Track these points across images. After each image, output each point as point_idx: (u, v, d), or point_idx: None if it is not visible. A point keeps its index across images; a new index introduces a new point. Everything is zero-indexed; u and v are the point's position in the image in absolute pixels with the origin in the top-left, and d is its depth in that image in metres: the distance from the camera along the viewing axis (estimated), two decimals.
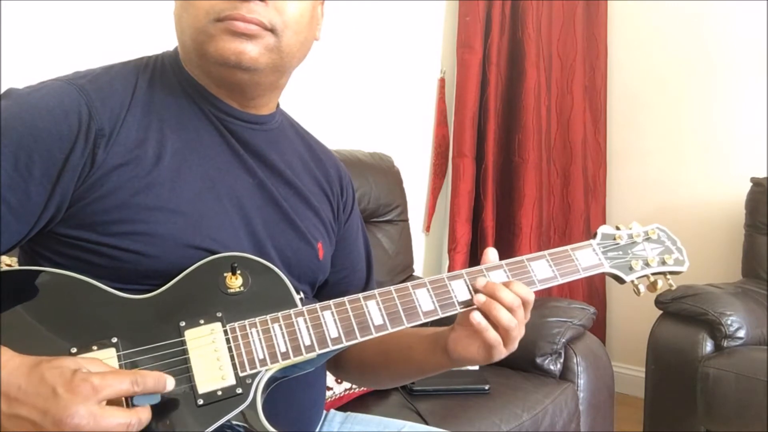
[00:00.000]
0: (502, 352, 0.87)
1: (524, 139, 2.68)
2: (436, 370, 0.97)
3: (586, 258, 0.95)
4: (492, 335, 0.85)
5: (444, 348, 0.91)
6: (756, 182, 2.48)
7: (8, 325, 0.73)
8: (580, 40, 2.91)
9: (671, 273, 1.00)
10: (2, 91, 0.82)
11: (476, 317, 0.85)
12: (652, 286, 0.99)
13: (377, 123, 2.45)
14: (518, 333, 0.87)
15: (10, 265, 0.98)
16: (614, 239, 0.98)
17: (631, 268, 0.97)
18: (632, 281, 0.98)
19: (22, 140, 0.76)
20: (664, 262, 0.99)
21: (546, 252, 0.94)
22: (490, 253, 0.92)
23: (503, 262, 0.91)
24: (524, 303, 0.87)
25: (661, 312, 2.17)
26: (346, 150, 2.09)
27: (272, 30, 0.83)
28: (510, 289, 0.86)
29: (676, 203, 2.83)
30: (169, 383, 0.71)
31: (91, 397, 0.65)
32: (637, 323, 2.57)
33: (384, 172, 2.17)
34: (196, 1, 0.82)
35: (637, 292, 0.98)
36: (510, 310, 0.85)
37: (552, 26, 2.85)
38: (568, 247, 0.95)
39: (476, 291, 0.87)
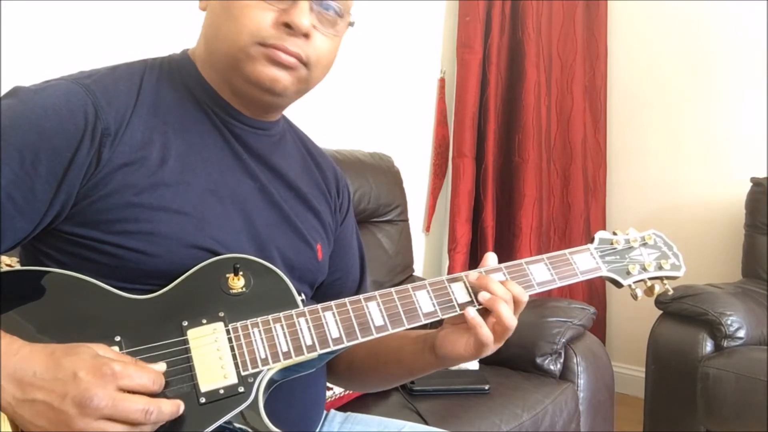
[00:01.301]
0: (491, 349, 0.88)
1: (524, 139, 2.68)
2: (424, 371, 0.98)
3: (584, 262, 0.96)
4: (486, 332, 0.85)
5: (432, 347, 0.92)
6: (756, 182, 2.48)
7: (10, 325, 0.74)
8: (580, 40, 2.91)
9: (668, 278, 1.01)
10: (8, 90, 0.82)
11: (471, 312, 0.85)
12: (650, 291, 0.99)
13: (377, 123, 2.45)
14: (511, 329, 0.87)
15: (10, 266, 0.98)
16: (611, 244, 0.99)
17: (628, 273, 0.98)
18: (629, 285, 0.98)
19: (29, 138, 0.77)
20: (660, 267, 1.00)
21: (544, 255, 0.95)
22: (490, 258, 0.93)
23: (502, 265, 0.92)
24: (517, 302, 0.88)
25: (661, 312, 2.18)
26: (346, 150, 2.09)
27: (306, 64, 0.86)
28: (505, 287, 0.87)
29: (676, 203, 2.83)
30: (182, 408, 0.73)
31: (111, 382, 0.67)
32: (637, 323, 2.57)
33: (384, 172, 2.18)
34: (243, 18, 0.84)
35: (635, 297, 0.99)
36: (507, 302, 0.86)
37: (552, 26, 2.85)
38: (566, 251, 0.96)
39: (472, 287, 0.88)
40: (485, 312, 0.87)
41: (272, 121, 0.96)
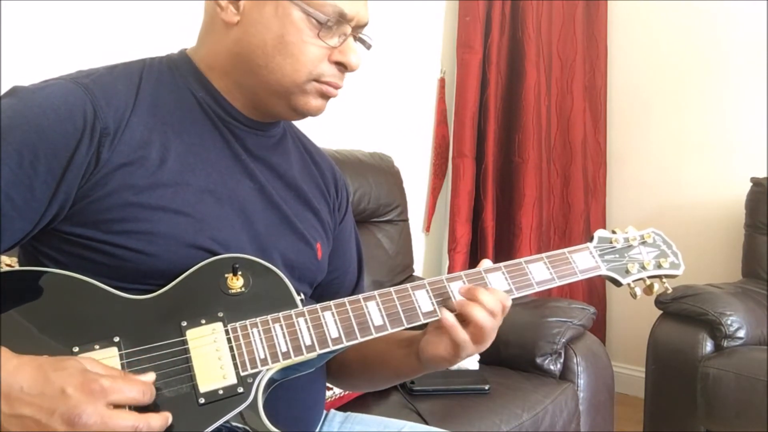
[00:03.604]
0: (470, 350, 0.87)
1: (524, 139, 2.68)
2: (411, 375, 0.98)
3: (583, 261, 0.96)
4: (461, 334, 0.85)
5: (416, 351, 0.92)
6: (756, 182, 2.48)
7: (9, 325, 0.74)
8: (580, 40, 2.91)
9: (667, 276, 1.01)
10: (7, 90, 0.82)
11: (445, 315, 0.86)
12: (649, 289, 0.99)
13: (377, 123, 2.45)
14: (493, 334, 0.87)
15: (10, 266, 0.98)
16: (611, 243, 0.99)
17: (627, 271, 0.98)
18: (628, 284, 0.98)
19: (27, 138, 0.77)
20: (659, 266, 1.00)
21: (544, 254, 0.95)
22: (485, 264, 0.92)
23: (501, 264, 0.92)
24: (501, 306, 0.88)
25: (661, 312, 2.17)
26: (346, 150, 2.09)
27: None
28: (492, 294, 0.87)
29: (676, 203, 2.83)
30: (170, 419, 0.72)
31: (101, 398, 0.66)
32: (637, 323, 2.57)
33: (384, 172, 2.18)
34: (302, 57, 0.86)
35: (634, 295, 0.99)
36: (491, 313, 0.85)
37: (552, 26, 2.85)
38: (565, 250, 0.96)
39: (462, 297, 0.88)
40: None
41: (271, 122, 0.96)
